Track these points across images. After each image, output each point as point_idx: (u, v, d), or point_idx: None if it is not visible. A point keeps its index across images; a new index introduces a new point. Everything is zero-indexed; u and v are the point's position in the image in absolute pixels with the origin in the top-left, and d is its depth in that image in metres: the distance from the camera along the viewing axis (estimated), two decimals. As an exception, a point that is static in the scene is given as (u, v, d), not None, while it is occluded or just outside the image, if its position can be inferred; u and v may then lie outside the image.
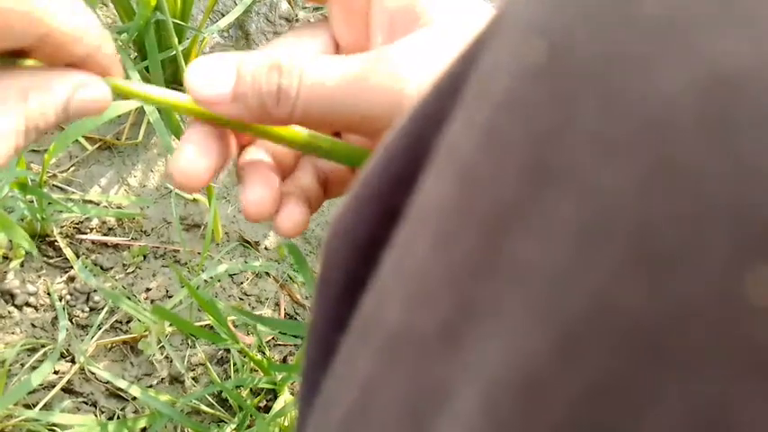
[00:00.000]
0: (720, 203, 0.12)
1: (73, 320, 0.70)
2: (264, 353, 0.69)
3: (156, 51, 0.67)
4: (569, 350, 0.13)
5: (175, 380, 0.68)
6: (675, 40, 0.13)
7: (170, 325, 0.69)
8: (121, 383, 0.64)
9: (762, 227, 0.11)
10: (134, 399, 0.67)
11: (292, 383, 0.67)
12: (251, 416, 0.64)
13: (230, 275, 0.74)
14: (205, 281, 0.71)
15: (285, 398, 0.66)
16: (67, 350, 0.68)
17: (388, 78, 0.27)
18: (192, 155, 0.29)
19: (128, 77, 0.67)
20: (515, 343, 0.13)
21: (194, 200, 0.77)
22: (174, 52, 0.70)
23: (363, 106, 0.27)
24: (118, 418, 0.65)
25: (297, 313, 0.73)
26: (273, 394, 0.68)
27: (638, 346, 0.12)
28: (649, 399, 0.12)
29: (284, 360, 0.70)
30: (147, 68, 0.72)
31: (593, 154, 0.13)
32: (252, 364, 0.67)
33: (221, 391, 0.67)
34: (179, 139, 0.75)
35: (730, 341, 0.12)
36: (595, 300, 0.12)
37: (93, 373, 0.67)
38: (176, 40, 0.70)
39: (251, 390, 0.67)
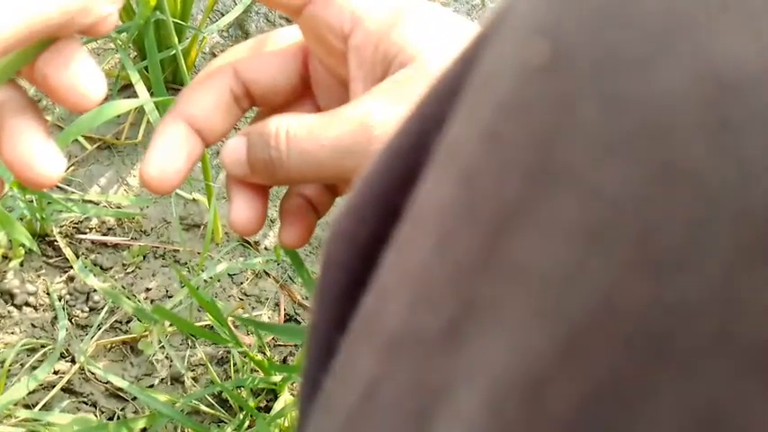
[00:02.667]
0: (722, 205, 0.12)
1: (72, 320, 0.70)
2: (265, 353, 0.69)
3: (155, 51, 0.67)
4: (573, 350, 0.13)
5: (175, 380, 0.68)
6: (677, 40, 0.13)
7: (170, 325, 0.69)
8: (121, 383, 0.64)
9: (763, 228, 0.11)
10: (134, 399, 0.67)
11: (293, 384, 0.67)
12: (251, 416, 0.64)
13: (230, 275, 0.74)
14: (205, 281, 0.71)
15: (285, 398, 0.66)
16: (67, 350, 0.68)
17: (360, 137, 0.29)
18: (162, 159, 0.31)
19: (128, 77, 0.67)
20: (519, 343, 0.13)
21: (194, 200, 0.77)
22: (174, 52, 0.70)
23: (341, 163, 0.30)
24: (118, 418, 0.65)
25: (297, 314, 0.73)
26: (274, 394, 0.68)
27: (641, 347, 0.12)
28: (651, 398, 0.12)
29: (284, 360, 0.70)
30: (146, 68, 0.72)
31: (595, 155, 0.13)
32: (252, 364, 0.67)
33: (221, 392, 0.67)
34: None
35: (731, 342, 0.12)
36: (598, 300, 0.13)
37: (92, 373, 0.67)
38: (176, 39, 0.70)
39: (251, 390, 0.67)
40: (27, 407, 0.65)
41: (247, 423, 0.65)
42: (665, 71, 0.12)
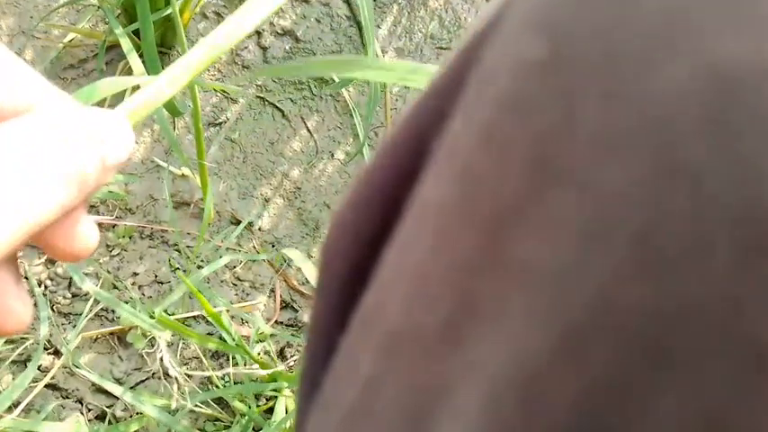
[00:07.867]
0: (721, 203, 0.12)
1: (54, 308, 0.66)
2: (264, 351, 0.65)
3: (147, 13, 0.63)
4: (571, 349, 0.13)
5: (167, 375, 0.65)
6: (676, 37, 0.13)
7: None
8: (111, 387, 0.60)
9: (762, 226, 0.12)
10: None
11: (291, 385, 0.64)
12: (250, 417, 0.61)
13: (223, 259, 0.71)
14: (198, 266, 0.67)
15: (284, 400, 0.63)
16: (49, 341, 0.64)
17: None
18: None
19: (115, 40, 0.63)
20: (517, 341, 0.14)
21: (183, 175, 0.73)
22: (164, 14, 0.66)
23: None
24: (106, 416, 0.62)
25: (293, 300, 0.70)
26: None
27: (640, 345, 0.13)
28: (650, 397, 0.13)
29: (281, 351, 0.67)
30: (134, 32, 0.68)
31: (594, 152, 0.13)
32: (248, 358, 0.63)
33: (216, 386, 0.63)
34: (170, 113, 0.70)
35: (731, 340, 0.12)
36: (597, 299, 0.13)
37: (77, 367, 0.63)
38: None
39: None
40: (9, 407, 0.61)
41: (245, 422, 0.61)
42: (664, 69, 0.13)
